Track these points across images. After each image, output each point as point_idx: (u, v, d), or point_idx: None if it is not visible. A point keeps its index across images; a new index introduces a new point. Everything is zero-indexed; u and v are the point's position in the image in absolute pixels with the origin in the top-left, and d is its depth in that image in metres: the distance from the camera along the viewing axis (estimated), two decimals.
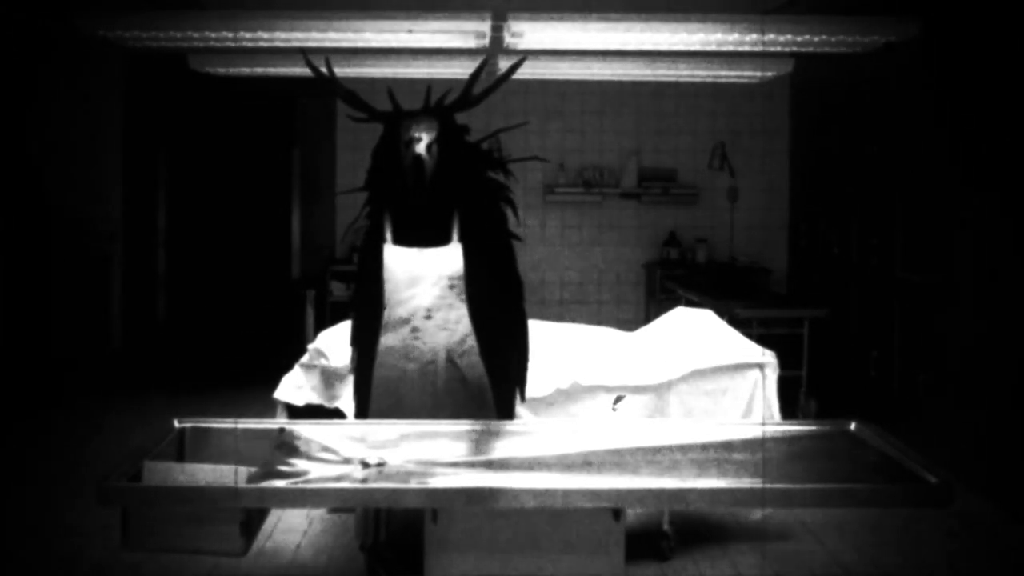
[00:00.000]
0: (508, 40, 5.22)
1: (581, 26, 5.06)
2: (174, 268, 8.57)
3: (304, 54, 3.67)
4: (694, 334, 4.78)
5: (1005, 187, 5.27)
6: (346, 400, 4.19)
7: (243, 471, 2.77)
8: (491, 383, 3.51)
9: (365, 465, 2.85)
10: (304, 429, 3.24)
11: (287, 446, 3.06)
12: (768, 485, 2.78)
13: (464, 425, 3.27)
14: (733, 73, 6.69)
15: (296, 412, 4.40)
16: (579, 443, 3.12)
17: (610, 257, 8.89)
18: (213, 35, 5.15)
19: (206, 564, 4.18)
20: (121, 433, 6.03)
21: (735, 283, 7.63)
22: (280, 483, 2.76)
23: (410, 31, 5.01)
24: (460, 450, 3.07)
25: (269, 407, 4.51)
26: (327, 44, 5.27)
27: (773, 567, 4.38)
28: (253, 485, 2.72)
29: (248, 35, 5.16)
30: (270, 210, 8.67)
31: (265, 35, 5.18)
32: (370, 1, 5.15)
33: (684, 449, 3.07)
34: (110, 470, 2.72)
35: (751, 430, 3.38)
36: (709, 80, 7.11)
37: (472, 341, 3.47)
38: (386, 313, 3.46)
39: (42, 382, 7.16)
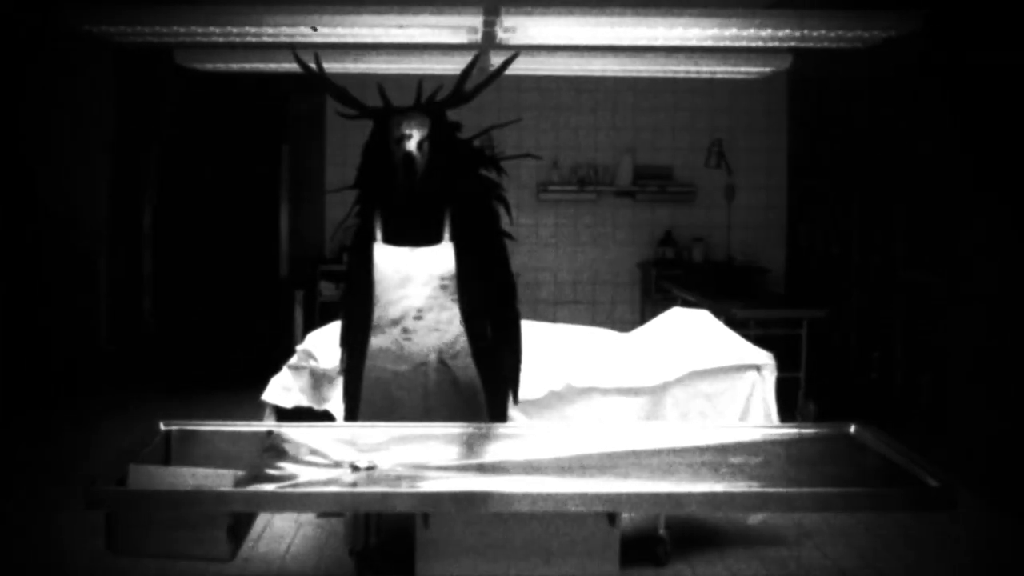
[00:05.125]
0: (500, 35, 5.17)
1: (574, 21, 5.01)
2: (161, 267, 8.48)
3: (293, 50, 3.62)
4: (690, 335, 4.74)
5: (1010, 184, 5.22)
6: (335, 402, 4.14)
7: (230, 475, 2.72)
8: (483, 385, 3.46)
9: (355, 468, 2.79)
10: (293, 432, 3.19)
11: (275, 449, 3.01)
12: (766, 489, 2.73)
13: (456, 428, 3.21)
14: (730, 69, 6.65)
15: (284, 415, 4.35)
16: (573, 446, 3.06)
17: (605, 256, 8.83)
18: (200, 30, 5.11)
19: (193, 569, 4.12)
20: (107, 435, 5.97)
21: (732, 283, 7.58)
22: (268, 487, 2.69)
23: (401, 26, 4.96)
24: (452, 453, 3.02)
25: (257, 409, 4.45)
26: (316, 39, 5.22)
27: (771, 572, 4.32)
28: (241, 489, 2.66)
29: (236, 30, 5.12)
30: (258, 208, 8.56)
31: (253, 30, 5.13)
32: None
33: (680, 452, 3.01)
34: (96, 473, 2.65)
35: (749, 433, 3.32)
36: (705, 76, 7.04)
37: (464, 342, 3.41)
38: (376, 314, 3.40)
39: (27, 383, 7.08)
